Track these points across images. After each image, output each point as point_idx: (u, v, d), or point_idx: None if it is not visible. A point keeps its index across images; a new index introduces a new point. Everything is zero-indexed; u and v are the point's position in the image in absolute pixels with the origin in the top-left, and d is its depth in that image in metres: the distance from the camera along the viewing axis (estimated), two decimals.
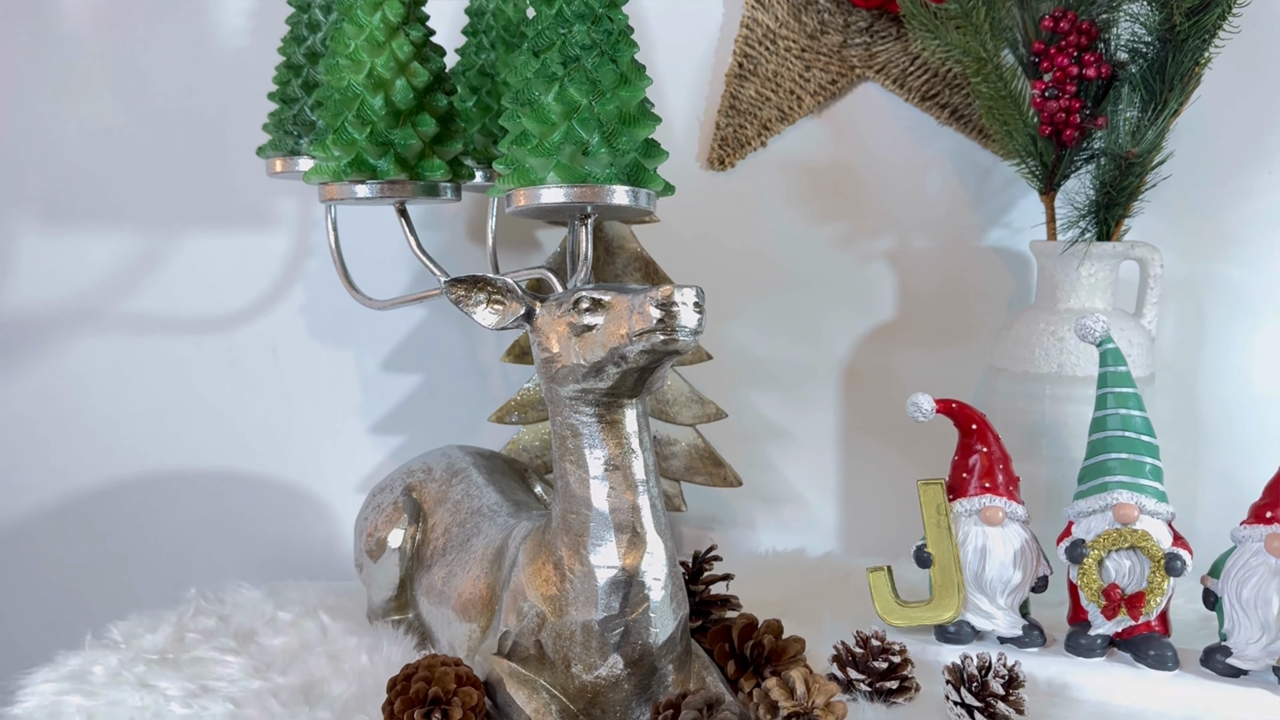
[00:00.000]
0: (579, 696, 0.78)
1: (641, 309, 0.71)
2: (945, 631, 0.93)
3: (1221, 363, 1.24)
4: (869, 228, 1.27)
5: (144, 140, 1.28)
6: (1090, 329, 0.91)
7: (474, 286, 0.80)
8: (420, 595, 0.96)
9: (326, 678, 0.90)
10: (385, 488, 1.03)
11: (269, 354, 1.31)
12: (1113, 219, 1.07)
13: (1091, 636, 0.89)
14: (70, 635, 0.97)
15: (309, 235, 1.29)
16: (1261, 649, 0.84)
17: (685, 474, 1.21)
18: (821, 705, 0.76)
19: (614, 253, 1.16)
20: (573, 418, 0.77)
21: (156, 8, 1.26)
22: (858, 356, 1.30)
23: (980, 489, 0.93)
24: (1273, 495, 0.86)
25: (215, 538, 1.34)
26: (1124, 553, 0.87)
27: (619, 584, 0.76)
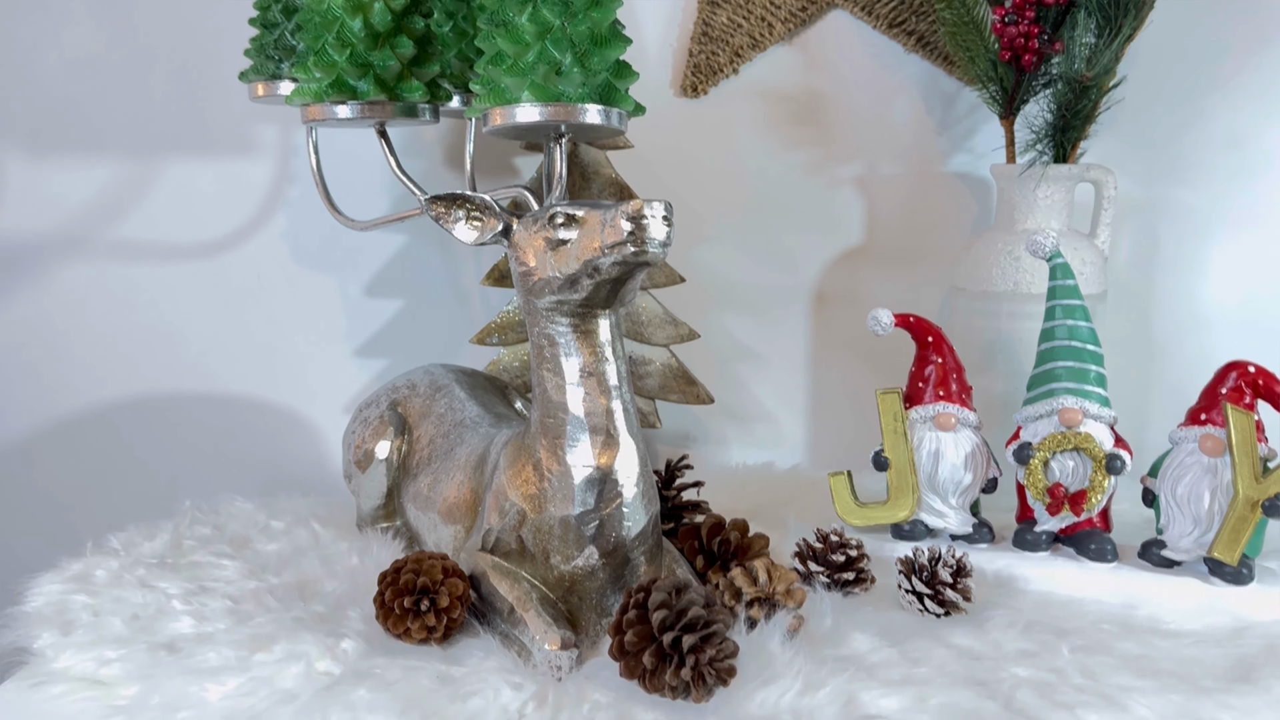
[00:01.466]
0: (557, 586, 0.83)
1: (613, 223, 0.75)
2: (900, 529, 0.99)
3: (1173, 283, 1.29)
4: (838, 154, 1.31)
5: (126, 69, 1.30)
6: (1040, 244, 0.95)
7: (453, 204, 0.84)
8: (407, 502, 1.01)
9: (319, 577, 0.95)
10: (371, 403, 1.08)
11: (254, 279, 1.35)
12: (1069, 142, 1.11)
13: (1037, 533, 0.95)
14: (70, 547, 1.01)
15: (290, 162, 1.32)
16: (1194, 541, 0.90)
17: (659, 392, 1.26)
18: (782, 591, 0.82)
19: (590, 178, 1.19)
20: (549, 328, 0.82)
21: None
22: (826, 279, 1.34)
23: (935, 397, 0.98)
24: (1208, 400, 0.91)
25: (207, 458, 1.39)
26: (1068, 454, 0.93)
27: (594, 481, 0.81)
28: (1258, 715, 0.70)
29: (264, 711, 0.72)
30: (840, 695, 0.71)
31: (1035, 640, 0.80)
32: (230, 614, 0.86)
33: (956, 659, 0.77)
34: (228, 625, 0.84)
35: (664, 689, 0.72)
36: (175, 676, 0.75)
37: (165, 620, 0.85)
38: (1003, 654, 0.78)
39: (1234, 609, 0.86)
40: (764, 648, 0.76)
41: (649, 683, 0.73)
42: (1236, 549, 0.87)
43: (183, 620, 0.85)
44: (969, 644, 0.79)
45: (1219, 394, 0.90)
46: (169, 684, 0.75)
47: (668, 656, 0.72)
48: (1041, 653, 0.78)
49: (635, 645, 0.74)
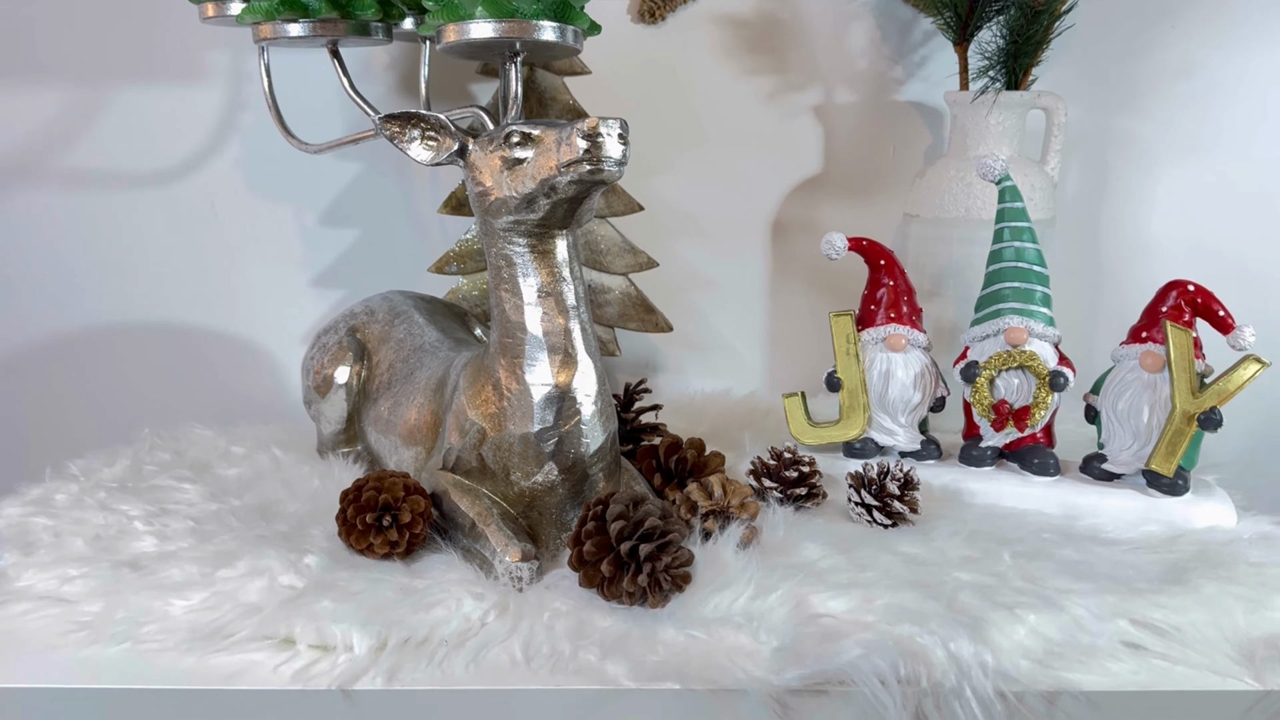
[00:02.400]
0: (518, 501, 0.85)
1: (569, 140, 0.75)
2: (852, 447, 1.02)
3: (1120, 209, 1.32)
4: (795, 82, 1.31)
5: None
6: (990, 167, 0.97)
7: (408, 123, 0.84)
8: (368, 426, 1.02)
9: (281, 499, 0.96)
10: (330, 329, 1.08)
11: (208, 208, 1.33)
12: (1020, 68, 1.12)
13: (982, 448, 0.98)
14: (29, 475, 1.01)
15: (243, 88, 1.29)
16: (1133, 454, 0.94)
17: (618, 320, 1.27)
18: (736, 504, 0.84)
19: (547, 104, 1.19)
20: (507, 248, 0.82)
21: None
22: (784, 208, 1.36)
23: (886, 319, 1.00)
24: (1149, 317, 0.94)
25: (163, 388, 1.38)
26: (1013, 372, 0.96)
27: (553, 399, 0.82)
28: (1187, 613, 0.73)
29: (229, 624, 0.73)
30: (790, 599, 0.74)
31: (978, 548, 0.83)
32: (192, 533, 0.87)
33: (902, 565, 0.80)
34: (190, 544, 0.85)
35: (621, 596, 0.74)
36: (139, 592, 0.76)
37: (127, 540, 0.86)
38: (946, 560, 0.81)
39: (1170, 518, 0.90)
40: (718, 557, 0.79)
41: (607, 590, 0.75)
42: (1173, 461, 0.90)
43: (145, 540, 0.85)
44: (915, 551, 0.83)
45: (1160, 312, 0.93)
46: (133, 599, 0.76)
47: (625, 565, 0.75)
48: (984, 559, 0.81)
49: (594, 555, 0.76)
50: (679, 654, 0.69)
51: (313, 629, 0.72)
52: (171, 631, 0.73)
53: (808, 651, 0.68)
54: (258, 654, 0.71)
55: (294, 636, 0.72)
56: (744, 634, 0.71)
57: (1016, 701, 0.66)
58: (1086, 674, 0.68)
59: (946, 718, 0.66)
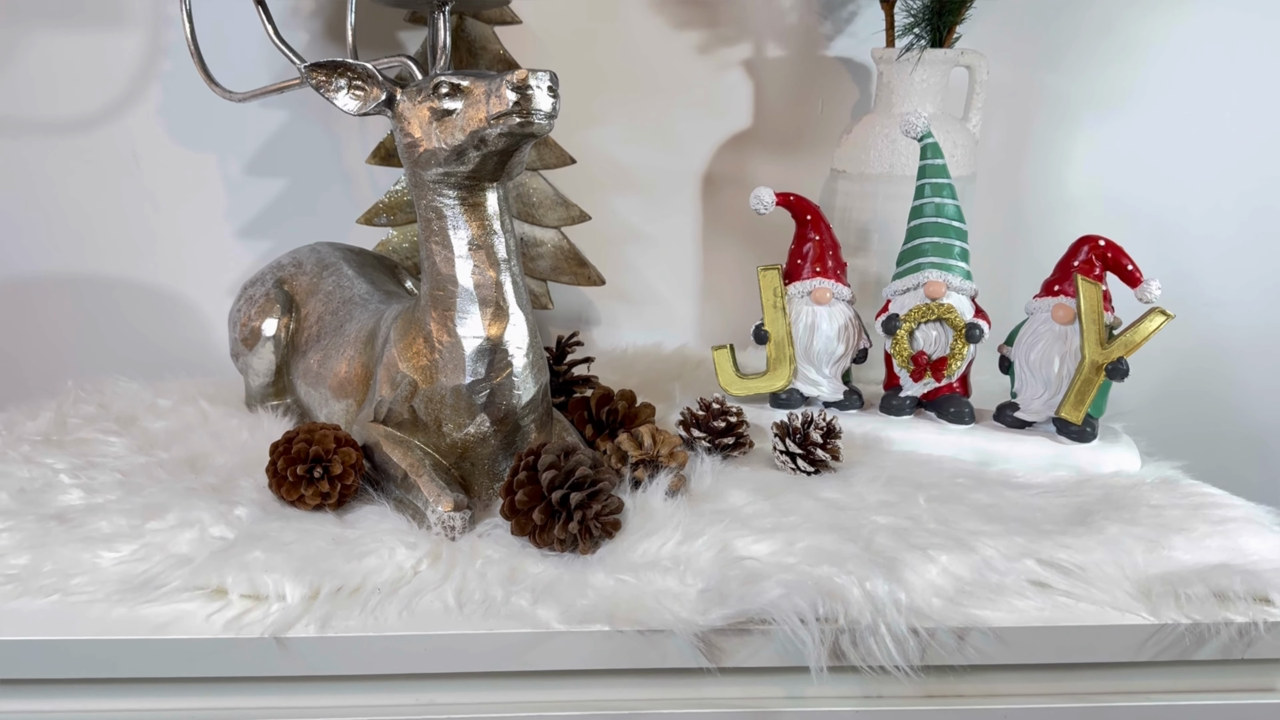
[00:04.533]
0: (450, 452, 0.86)
1: (498, 92, 0.75)
2: (778, 398, 1.05)
3: (1042, 165, 1.36)
4: (726, 35, 1.32)
5: None
6: (912, 124, 0.99)
7: (334, 71, 0.83)
8: (297, 379, 1.02)
9: (210, 452, 0.95)
10: (256, 281, 1.07)
11: (130, 158, 1.30)
12: (945, 26, 1.14)
13: (902, 398, 1.02)
14: None
15: (163, 33, 1.26)
16: (1044, 403, 0.98)
17: (551, 274, 1.28)
18: (666, 454, 0.86)
19: (477, 54, 1.18)
20: (437, 200, 0.82)
21: None
22: (714, 162, 1.37)
23: (812, 273, 1.02)
24: (1061, 271, 0.98)
25: (87, 341, 1.36)
26: (931, 324, 0.99)
27: (484, 352, 0.83)
28: (1090, 553, 0.77)
29: (159, 574, 0.73)
30: (716, 543, 0.76)
31: (895, 493, 0.87)
32: (120, 486, 0.87)
33: (823, 509, 0.83)
34: (118, 496, 0.84)
35: (553, 543, 0.76)
36: (67, 544, 0.76)
37: (54, 493, 0.85)
38: (865, 505, 0.84)
39: (1078, 464, 0.94)
40: (647, 504, 0.81)
41: (538, 538, 0.77)
42: (1082, 409, 0.95)
43: (71, 493, 0.85)
44: (835, 496, 0.86)
45: (1071, 266, 0.96)
46: (61, 551, 0.75)
47: (556, 513, 0.76)
48: (900, 503, 0.85)
49: (525, 504, 0.77)
50: (608, 597, 0.71)
51: (245, 579, 0.72)
52: (101, 583, 0.73)
53: (731, 593, 0.70)
54: (189, 604, 0.71)
55: (226, 586, 0.72)
56: (671, 577, 0.73)
57: (929, 637, 0.70)
58: (995, 611, 0.72)
59: (862, 653, 0.69)
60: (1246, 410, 1.44)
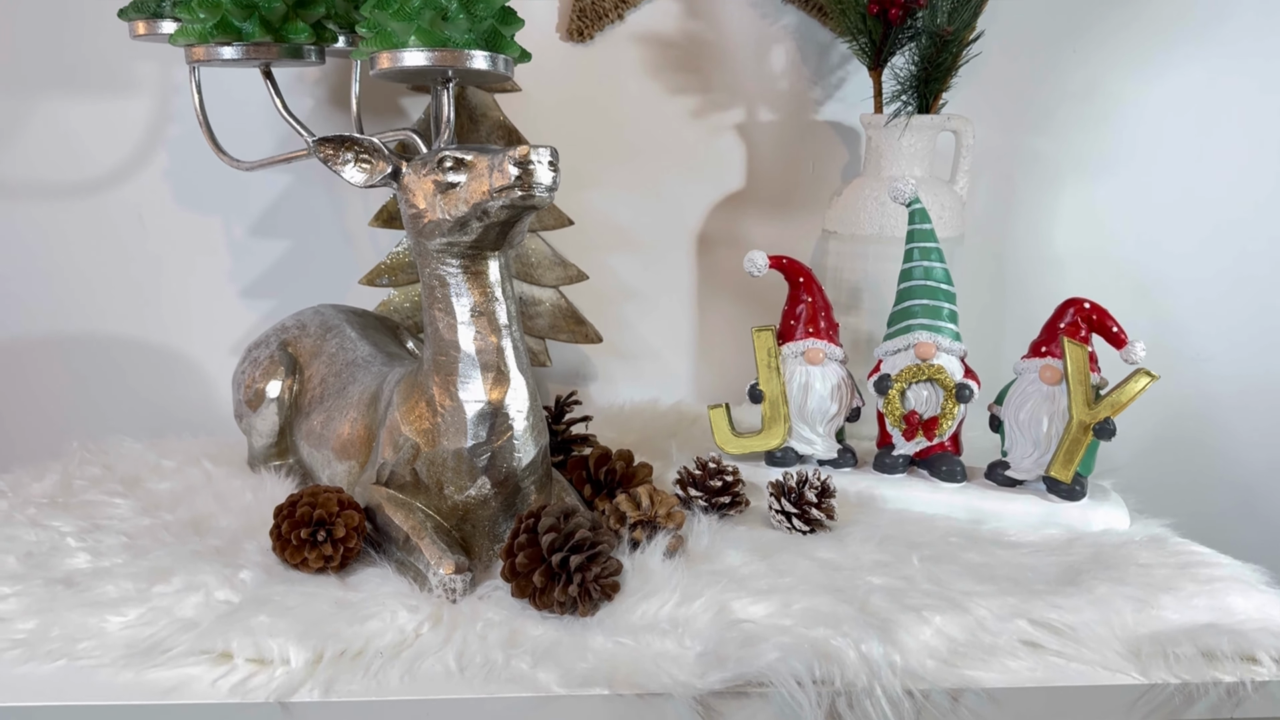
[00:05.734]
0: (451, 515, 0.87)
1: (501, 167, 0.78)
2: (773, 456, 1.06)
3: (1026, 225, 1.39)
4: (719, 101, 1.35)
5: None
6: (900, 190, 1.02)
7: (342, 145, 0.85)
8: (300, 440, 1.03)
9: (214, 514, 0.97)
10: (261, 343, 1.09)
11: (135, 220, 1.32)
12: (931, 93, 1.17)
13: (895, 456, 1.04)
14: None
15: (171, 100, 1.29)
16: (1034, 462, 1.00)
17: (549, 332, 1.30)
18: (663, 514, 0.88)
19: (478, 120, 1.21)
20: (440, 269, 0.85)
21: None
22: (709, 222, 1.40)
23: (805, 333, 1.05)
24: (1048, 333, 1.00)
25: (92, 401, 1.37)
26: (922, 384, 1.01)
27: (485, 415, 0.85)
28: (1081, 612, 0.79)
29: (165, 639, 0.74)
30: (713, 605, 0.78)
31: (890, 552, 0.88)
32: (126, 549, 0.88)
33: (819, 570, 0.84)
34: (124, 560, 0.86)
35: (553, 605, 0.77)
36: (74, 609, 0.77)
37: (60, 556, 0.86)
38: (860, 565, 0.86)
39: (1068, 522, 0.96)
40: (645, 566, 0.82)
41: (539, 600, 0.78)
42: (1071, 468, 0.96)
43: (78, 556, 0.86)
44: (830, 556, 0.87)
45: (1058, 328, 0.99)
46: (68, 616, 0.76)
47: (556, 576, 0.78)
48: (894, 563, 0.86)
49: (526, 566, 0.79)
50: (607, 660, 0.72)
51: (250, 643, 0.73)
52: (108, 648, 0.74)
53: (729, 655, 0.71)
54: (195, 668, 0.72)
55: (231, 650, 0.73)
56: (669, 640, 0.74)
57: (923, 699, 0.71)
58: (988, 671, 0.73)
59: (859, 716, 0.70)
60: (1234, 461, 1.46)
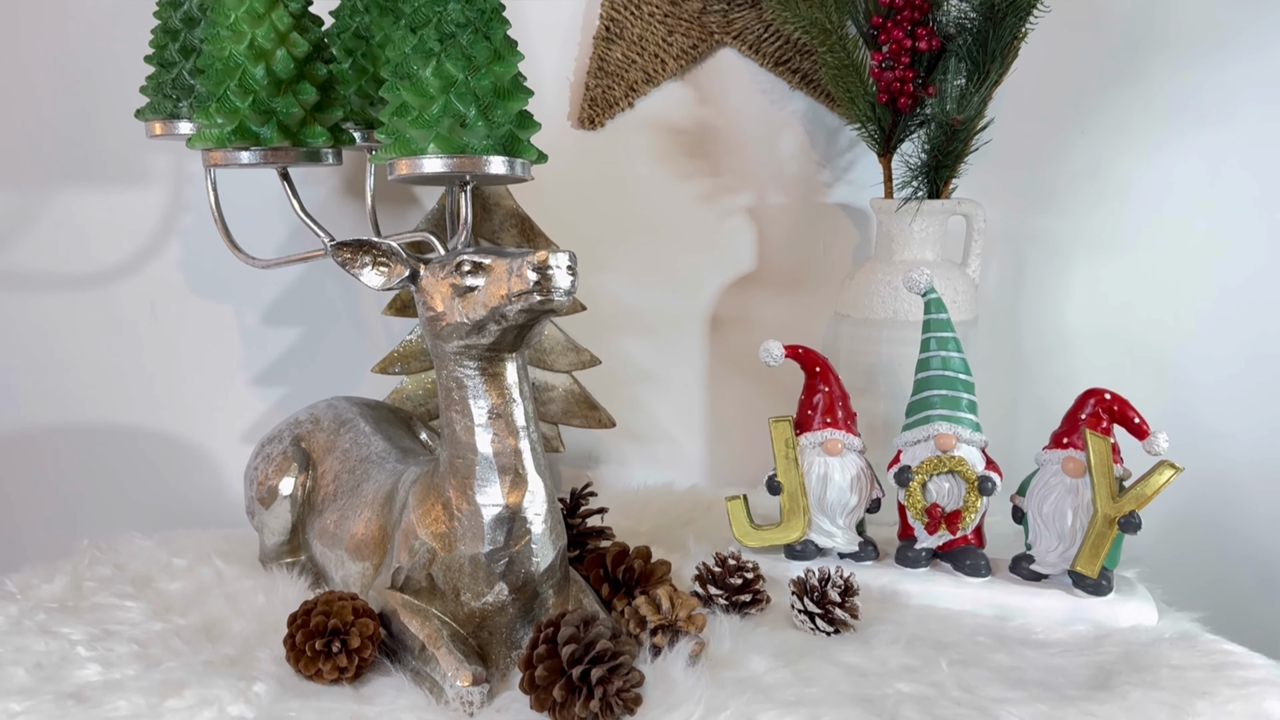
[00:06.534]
0: (468, 621, 0.86)
1: (519, 272, 0.78)
2: (793, 550, 1.05)
3: (1038, 305, 1.39)
4: (729, 184, 1.36)
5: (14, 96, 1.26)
6: (915, 281, 1.02)
7: (360, 250, 0.86)
8: (313, 538, 1.02)
9: (226, 617, 0.95)
10: (274, 438, 1.08)
11: (147, 310, 1.33)
12: (941, 179, 1.18)
13: (917, 550, 1.02)
14: None
15: (184, 191, 1.30)
16: (1059, 556, 0.98)
17: (563, 417, 1.29)
18: (684, 618, 0.86)
19: (491, 210, 1.22)
20: (458, 371, 0.84)
21: None
22: (720, 304, 1.40)
23: (823, 424, 1.04)
24: (1069, 424, 0.99)
25: (102, 491, 1.36)
26: (943, 476, 1.00)
27: (503, 520, 0.84)
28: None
29: None
30: (739, 718, 0.76)
31: (917, 655, 0.86)
32: (138, 659, 0.86)
33: (845, 677, 0.82)
34: (136, 671, 0.84)
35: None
36: None
37: (70, 668, 0.84)
38: (887, 670, 0.84)
39: (1095, 618, 0.94)
40: (668, 674, 0.81)
41: (559, 715, 0.76)
42: (1097, 562, 0.95)
43: (89, 667, 0.84)
44: (856, 661, 0.85)
45: (1079, 419, 0.98)
46: None
47: (577, 689, 0.76)
48: (923, 667, 0.84)
49: (545, 679, 0.77)
50: None
51: None
52: None
53: None
54: None
55: None
56: None
57: None
58: None
59: None
60: (1256, 539, 1.44)
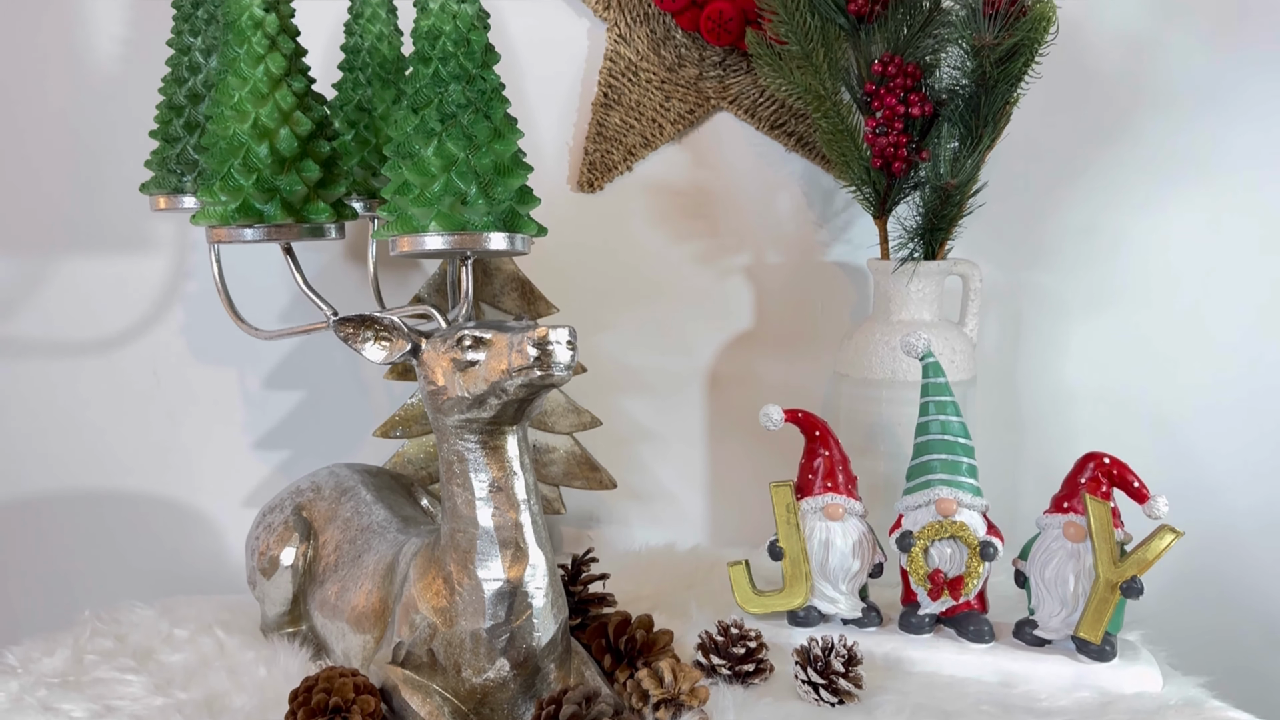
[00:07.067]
0: (469, 698, 0.85)
1: (520, 347, 0.79)
2: (796, 616, 1.05)
3: (1037, 361, 1.39)
4: (727, 245, 1.37)
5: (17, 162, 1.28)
6: (913, 345, 1.03)
7: (361, 325, 0.86)
8: (314, 609, 1.02)
9: (227, 691, 0.95)
10: (275, 507, 1.08)
11: (150, 375, 1.33)
12: (937, 241, 1.19)
13: (921, 616, 1.02)
14: None
15: (188, 257, 1.32)
16: (1062, 621, 0.98)
17: (564, 479, 1.29)
18: (687, 691, 0.86)
19: (491, 274, 1.23)
20: (459, 445, 0.85)
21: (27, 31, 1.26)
22: (720, 363, 1.41)
23: (823, 488, 1.04)
24: (1069, 487, 1.00)
25: (104, 557, 1.36)
26: (945, 541, 1.00)
27: (504, 595, 0.84)
28: None
29: None
30: None
31: None
32: None
33: None
34: None
35: None
36: None
37: None
38: None
39: (1100, 684, 0.94)
40: None
41: None
42: (1100, 628, 0.95)
43: None
44: None
45: (1079, 483, 0.98)
46: None
47: None
48: None
49: None
50: None
51: None
52: None
53: None
54: None
55: None
56: None
57: None
58: None
59: None
60: (1261, 596, 1.43)
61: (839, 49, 1.18)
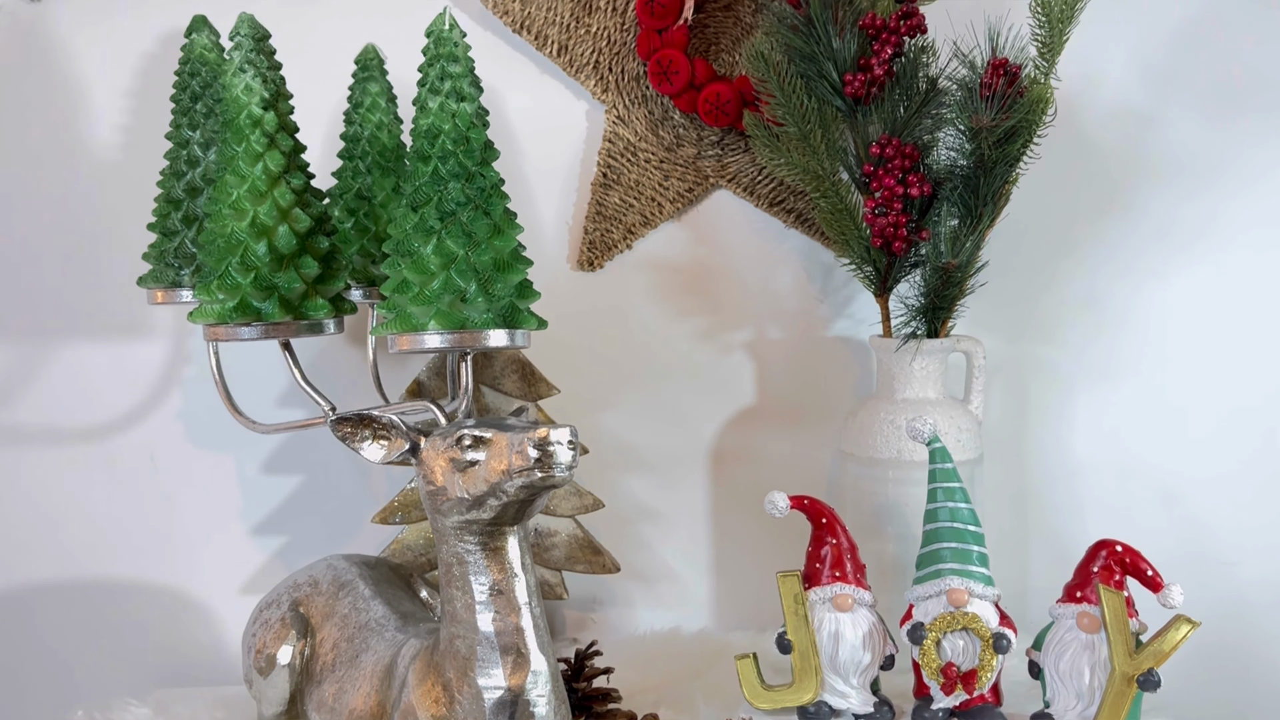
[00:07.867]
0: None
1: (520, 448, 0.77)
2: (806, 712, 1.02)
3: (1043, 434, 1.38)
4: (728, 321, 1.37)
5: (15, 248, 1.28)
6: (919, 430, 1.02)
7: (360, 424, 0.85)
8: (311, 710, 0.99)
9: None
10: (272, 603, 1.06)
11: (147, 461, 1.32)
12: (939, 319, 1.18)
13: (934, 710, 0.99)
14: None
15: (186, 342, 1.31)
16: (1078, 715, 0.95)
17: (565, 563, 1.27)
18: None
19: (492, 357, 1.22)
20: (458, 547, 0.83)
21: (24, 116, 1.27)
22: (723, 440, 1.39)
23: (832, 578, 1.02)
24: (1082, 576, 0.98)
25: (97, 647, 1.34)
26: (958, 633, 0.98)
27: (505, 704, 0.81)
28: None
29: None
30: None
31: None
32: None
33: None
34: None
35: None
36: None
37: None
38: None
39: None
40: None
41: None
42: None
43: None
44: None
45: (1091, 572, 0.96)
46: None
47: None
48: None
49: None
50: None
51: None
52: None
53: None
54: None
55: None
56: None
57: None
58: None
59: None
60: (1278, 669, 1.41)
61: (836, 130, 1.18)
